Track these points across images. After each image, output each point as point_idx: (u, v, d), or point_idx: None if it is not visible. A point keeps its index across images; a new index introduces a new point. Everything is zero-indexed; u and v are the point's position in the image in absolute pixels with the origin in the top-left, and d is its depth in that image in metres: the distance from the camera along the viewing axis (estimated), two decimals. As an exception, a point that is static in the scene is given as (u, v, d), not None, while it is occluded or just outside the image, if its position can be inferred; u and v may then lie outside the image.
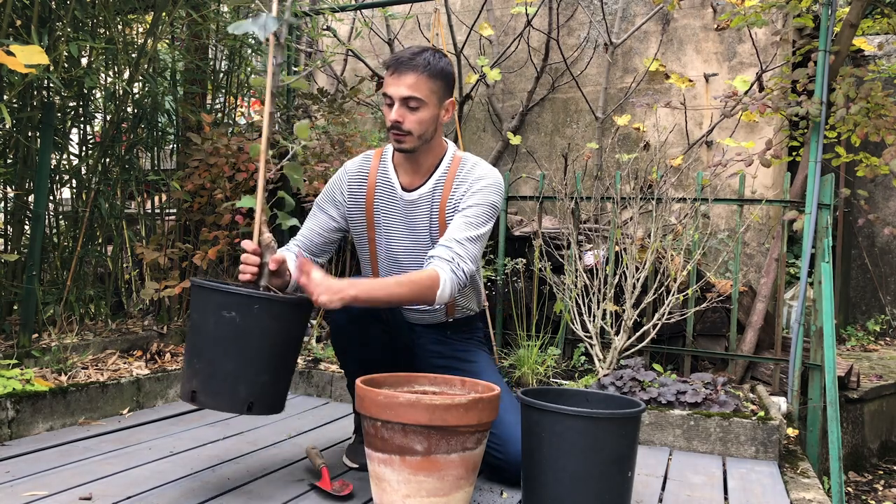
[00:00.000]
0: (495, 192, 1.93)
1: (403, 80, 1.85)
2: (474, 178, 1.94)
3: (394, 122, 1.86)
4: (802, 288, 2.68)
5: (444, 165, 1.97)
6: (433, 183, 1.96)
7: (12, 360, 2.42)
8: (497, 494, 1.84)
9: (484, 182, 1.92)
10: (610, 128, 4.38)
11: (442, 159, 1.98)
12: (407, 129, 1.87)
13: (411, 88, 1.84)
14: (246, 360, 1.63)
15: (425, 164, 1.97)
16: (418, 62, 1.85)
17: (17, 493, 1.69)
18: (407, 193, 1.97)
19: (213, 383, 1.63)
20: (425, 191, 1.96)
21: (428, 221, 1.97)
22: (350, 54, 4.79)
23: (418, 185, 1.97)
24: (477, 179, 1.93)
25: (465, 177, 1.95)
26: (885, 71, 4.43)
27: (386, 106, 1.89)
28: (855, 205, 5.16)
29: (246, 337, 1.62)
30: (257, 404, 1.65)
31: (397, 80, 1.85)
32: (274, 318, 1.64)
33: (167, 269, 3.29)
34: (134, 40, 3.35)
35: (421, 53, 1.86)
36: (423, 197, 1.96)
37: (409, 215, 1.97)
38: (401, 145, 1.90)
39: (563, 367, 2.96)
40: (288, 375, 1.75)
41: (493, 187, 1.93)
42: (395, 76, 1.86)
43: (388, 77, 1.88)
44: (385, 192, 1.99)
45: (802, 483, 2.06)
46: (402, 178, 1.99)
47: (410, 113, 1.86)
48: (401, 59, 1.86)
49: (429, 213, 1.96)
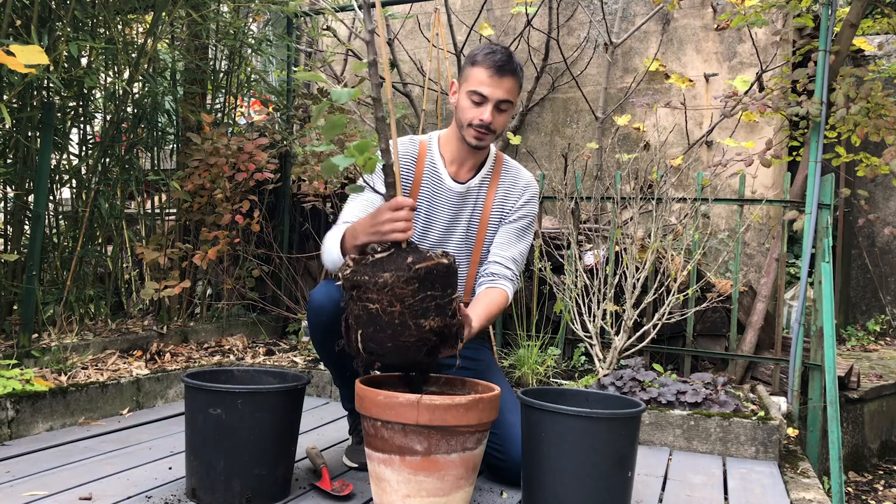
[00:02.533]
0: (537, 201, 2.12)
1: (503, 83, 1.87)
2: (523, 185, 2.07)
3: (486, 122, 1.88)
4: (802, 288, 2.68)
5: (489, 163, 2.05)
6: (480, 178, 2.03)
7: (12, 360, 2.42)
8: (497, 494, 1.83)
9: (530, 193, 2.07)
10: (610, 128, 4.38)
11: (487, 156, 2.05)
12: (493, 130, 1.91)
13: (509, 93, 1.89)
14: (237, 455, 1.63)
15: (477, 159, 2.03)
16: (515, 66, 1.89)
17: (17, 493, 1.69)
18: (455, 184, 2.01)
19: (207, 480, 1.65)
20: (473, 185, 2.02)
21: (469, 214, 2.03)
22: (350, 54, 4.79)
23: (466, 178, 2.02)
24: (525, 188, 2.07)
25: (513, 181, 2.06)
26: (885, 71, 4.43)
27: (471, 101, 1.89)
28: (855, 205, 5.16)
29: (234, 432, 1.62)
30: (257, 497, 1.66)
31: (498, 82, 1.86)
32: (261, 410, 1.64)
33: (167, 269, 3.29)
34: (134, 40, 3.34)
35: (511, 56, 1.89)
36: (470, 190, 2.02)
37: (454, 206, 2.01)
38: (481, 143, 1.93)
39: (563, 367, 2.96)
40: (287, 461, 1.74)
41: (536, 197, 2.10)
42: (495, 78, 1.86)
43: (483, 73, 1.87)
44: (432, 180, 2.01)
45: (802, 483, 2.06)
46: (450, 167, 2.02)
47: (500, 115, 1.91)
48: (499, 61, 1.86)
49: (472, 207, 2.03)
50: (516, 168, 2.09)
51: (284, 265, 3.82)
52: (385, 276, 1.46)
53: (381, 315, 1.46)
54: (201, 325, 3.38)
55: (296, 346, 3.46)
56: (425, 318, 1.47)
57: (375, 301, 1.46)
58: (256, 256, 3.72)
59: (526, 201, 2.05)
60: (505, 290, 1.96)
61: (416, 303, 1.46)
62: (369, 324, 1.48)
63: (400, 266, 1.47)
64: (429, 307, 1.48)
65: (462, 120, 1.92)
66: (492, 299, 1.92)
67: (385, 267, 1.48)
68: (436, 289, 1.49)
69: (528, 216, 2.07)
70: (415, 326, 1.47)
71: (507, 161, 2.09)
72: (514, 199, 2.04)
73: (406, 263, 1.48)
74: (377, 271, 1.48)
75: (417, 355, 1.51)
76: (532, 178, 2.10)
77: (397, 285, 1.45)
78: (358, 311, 1.49)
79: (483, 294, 1.94)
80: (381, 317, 1.46)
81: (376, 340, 1.49)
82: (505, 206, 2.04)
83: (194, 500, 1.67)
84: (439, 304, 1.50)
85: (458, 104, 1.94)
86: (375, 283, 1.46)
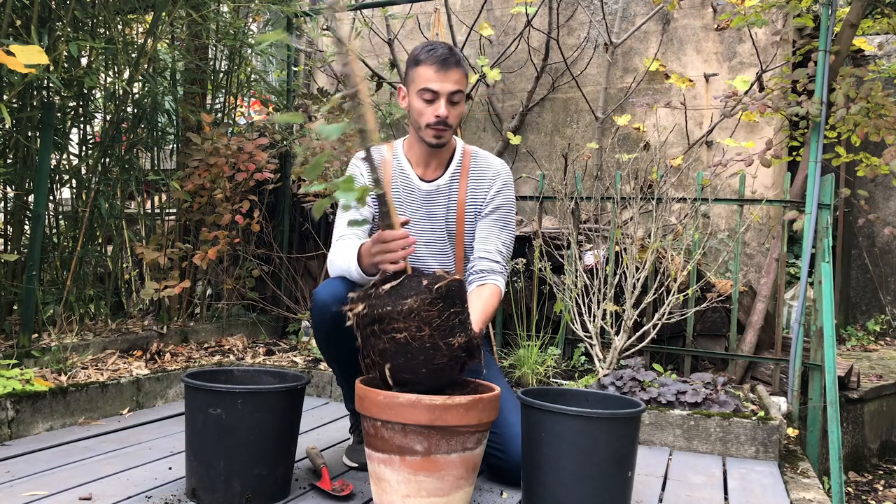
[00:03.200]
0: (513, 187, 2.08)
1: (451, 75, 1.88)
2: (492, 173, 2.04)
3: (443, 117, 1.88)
4: (802, 288, 2.68)
5: (456, 158, 2.04)
6: (450, 175, 2.02)
7: (12, 360, 2.42)
8: (497, 494, 1.83)
9: (501, 180, 2.04)
10: (610, 128, 4.38)
11: (454, 151, 2.05)
12: (450, 124, 1.91)
13: (458, 84, 1.89)
14: (237, 455, 1.63)
15: (441, 155, 2.02)
16: (458, 57, 1.90)
17: (17, 493, 1.69)
18: (425, 184, 2.01)
19: (207, 480, 1.65)
20: (443, 182, 2.02)
21: (445, 213, 2.02)
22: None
23: (434, 176, 2.02)
24: (495, 176, 2.03)
25: (482, 171, 2.03)
26: (885, 71, 4.43)
27: (422, 100, 1.90)
28: (855, 205, 5.16)
29: (234, 432, 1.62)
30: (257, 497, 1.66)
31: (444, 76, 1.87)
32: (261, 410, 1.64)
33: (167, 269, 3.29)
34: (134, 40, 3.34)
35: (452, 50, 1.90)
36: (440, 188, 2.01)
37: (427, 206, 2.02)
38: (440, 140, 1.93)
39: (563, 367, 2.96)
40: (287, 461, 1.74)
41: (511, 183, 2.07)
42: (440, 72, 1.87)
43: (429, 70, 1.88)
44: (402, 184, 2.02)
45: (802, 483, 2.06)
46: (416, 169, 2.03)
47: (453, 107, 1.91)
48: (442, 55, 1.88)
49: (446, 205, 2.02)
50: (484, 157, 2.07)
51: (284, 265, 3.82)
52: (408, 301, 1.44)
53: (411, 342, 1.45)
54: (201, 325, 3.38)
55: (296, 346, 3.46)
56: (453, 335, 1.48)
57: (403, 329, 1.44)
58: (256, 256, 3.72)
59: (498, 190, 2.03)
60: (497, 285, 1.97)
61: (442, 322, 1.46)
62: (399, 355, 1.47)
63: (420, 290, 1.46)
64: (454, 324, 1.48)
65: (418, 122, 1.92)
66: (486, 298, 1.92)
67: (404, 294, 1.47)
68: (456, 305, 1.50)
69: (505, 204, 2.04)
70: (445, 346, 1.47)
71: (475, 153, 2.07)
72: (486, 189, 2.02)
73: (425, 286, 1.46)
74: (398, 300, 1.46)
75: (452, 374, 1.51)
76: (502, 165, 2.08)
77: (423, 308, 1.44)
78: (383, 345, 1.47)
79: (476, 294, 1.93)
80: (412, 344, 1.45)
81: (409, 370, 1.48)
82: (477, 197, 2.02)
83: (194, 500, 1.67)
84: (461, 319, 1.51)
85: (410, 107, 1.94)
86: (400, 311, 1.44)
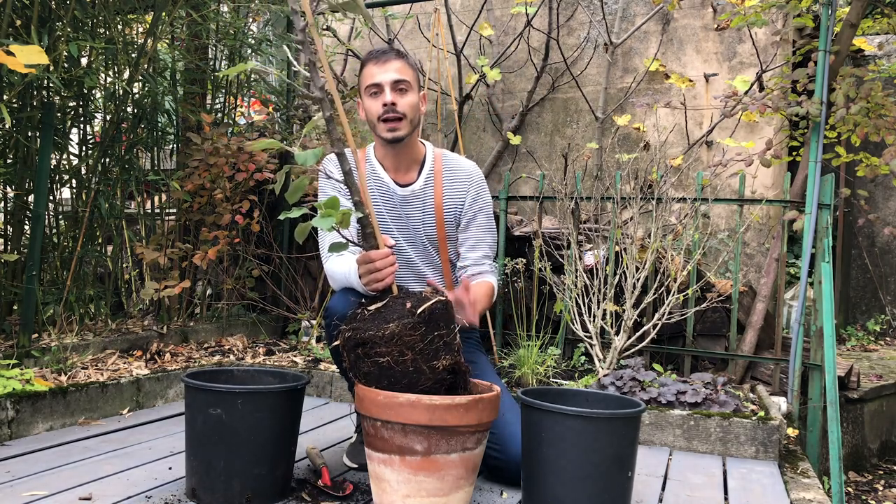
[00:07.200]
0: (487, 187, 2.10)
1: (389, 65, 1.89)
2: (465, 175, 2.04)
3: (389, 104, 1.88)
4: (802, 288, 2.68)
5: (429, 162, 2.04)
6: (423, 180, 2.02)
7: (12, 360, 2.42)
8: (497, 494, 1.83)
9: (476, 186, 2.05)
10: (610, 128, 4.38)
11: (425, 156, 2.05)
12: (402, 112, 1.90)
13: (399, 72, 1.90)
14: (236, 455, 1.63)
15: (409, 158, 2.01)
16: (397, 51, 1.94)
17: (17, 493, 1.69)
18: (400, 189, 2.01)
19: (207, 480, 1.65)
20: (417, 187, 2.02)
21: (421, 216, 2.02)
22: (350, 54, 4.79)
23: (409, 181, 2.02)
24: (468, 180, 2.04)
25: (455, 175, 2.04)
26: (885, 71, 4.43)
27: (370, 97, 1.91)
28: (855, 205, 5.16)
29: (234, 432, 1.62)
30: (257, 497, 1.66)
31: (383, 66, 1.89)
32: (261, 410, 1.64)
33: (167, 269, 3.29)
34: (134, 40, 3.34)
35: (391, 45, 1.93)
36: (415, 192, 2.02)
37: (404, 210, 2.02)
38: (395, 133, 1.92)
39: (563, 367, 2.95)
40: (287, 461, 1.74)
41: (484, 184, 2.09)
42: (379, 64, 1.89)
43: (371, 67, 1.91)
44: (377, 188, 2.02)
45: (802, 483, 2.06)
46: (390, 173, 2.03)
47: (402, 95, 1.90)
48: (379, 51, 1.93)
49: (422, 209, 2.02)
50: (455, 160, 2.07)
51: (284, 265, 3.82)
52: (391, 326, 1.44)
53: (394, 367, 1.45)
54: (201, 325, 3.38)
55: (296, 346, 3.46)
56: (437, 358, 1.48)
57: (385, 354, 1.45)
58: (256, 256, 3.72)
59: (475, 197, 2.04)
60: (490, 282, 2.02)
61: (425, 346, 1.46)
62: (382, 378, 1.47)
63: (402, 313, 1.46)
64: (438, 347, 1.48)
65: (372, 120, 1.93)
66: (482, 289, 1.96)
67: (387, 317, 1.47)
68: (440, 328, 1.49)
69: (484, 209, 2.06)
70: (429, 370, 1.47)
71: (445, 156, 2.07)
72: (462, 193, 2.03)
73: (407, 309, 1.46)
74: (381, 324, 1.46)
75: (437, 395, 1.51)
76: (474, 168, 2.08)
77: (405, 333, 1.44)
78: (368, 368, 1.48)
79: (473, 286, 1.96)
80: (395, 368, 1.45)
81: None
82: (455, 199, 2.03)
83: (194, 500, 1.67)
84: (446, 341, 1.50)
85: (364, 110, 1.96)
86: (382, 335, 1.44)
